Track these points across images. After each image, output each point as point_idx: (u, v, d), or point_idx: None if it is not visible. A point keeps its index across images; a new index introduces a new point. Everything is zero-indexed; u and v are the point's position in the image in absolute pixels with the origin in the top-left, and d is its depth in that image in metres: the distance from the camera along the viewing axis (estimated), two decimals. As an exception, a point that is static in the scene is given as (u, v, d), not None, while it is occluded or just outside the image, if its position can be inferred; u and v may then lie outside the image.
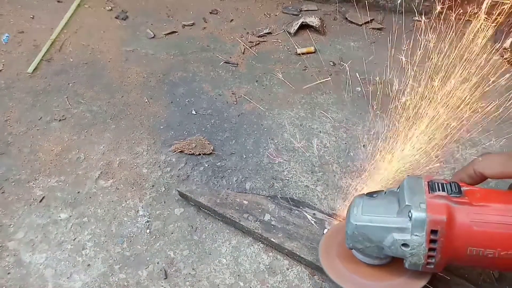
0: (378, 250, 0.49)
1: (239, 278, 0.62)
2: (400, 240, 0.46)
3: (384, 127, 0.83)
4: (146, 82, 0.97)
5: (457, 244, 0.44)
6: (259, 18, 1.16)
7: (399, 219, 0.46)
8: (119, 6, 1.17)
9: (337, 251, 0.57)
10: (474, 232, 0.43)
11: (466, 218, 0.44)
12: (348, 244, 0.51)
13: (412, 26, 1.12)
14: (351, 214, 0.50)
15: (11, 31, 1.08)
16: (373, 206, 0.49)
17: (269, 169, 0.77)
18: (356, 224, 0.48)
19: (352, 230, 0.49)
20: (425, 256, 0.45)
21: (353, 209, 0.50)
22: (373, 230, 0.48)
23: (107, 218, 0.70)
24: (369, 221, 0.48)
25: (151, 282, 0.62)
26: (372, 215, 0.48)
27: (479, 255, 0.44)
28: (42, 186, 0.75)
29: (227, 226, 0.68)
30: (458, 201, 0.45)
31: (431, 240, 0.44)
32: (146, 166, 0.78)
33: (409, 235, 0.45)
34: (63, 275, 0.62)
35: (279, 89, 0.95)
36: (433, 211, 0.44)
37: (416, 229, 0.44)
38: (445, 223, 0.43)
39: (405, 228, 0.45)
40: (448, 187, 0.46)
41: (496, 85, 0.90)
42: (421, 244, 0.45)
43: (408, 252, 0.46)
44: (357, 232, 0.49)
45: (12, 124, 0.86)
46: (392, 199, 0.49)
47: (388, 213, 0.47)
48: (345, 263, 0.55)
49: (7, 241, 0.67)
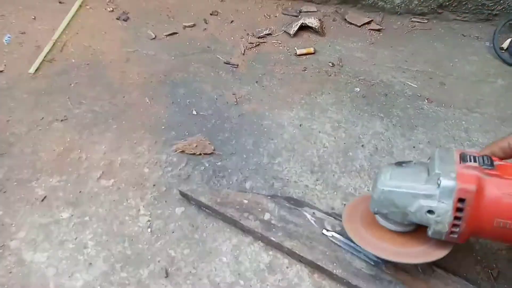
0: (403, 216, 0.49)
1: (239, 276, 0.62)
2: (426, 206, 0.46)
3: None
4: (147, 82, 0.97)
5: (484, 215, 0.44)
6: (259, 19, 1.16)
7: (427, 186, 0.46)
8: (120, 7, 1.18)
9: (361, 216, 0.57)
10: (503, 204, 0.43)
11: (496, 190, 0.43)
12: (373, 208, 0.51)
13: (410, 27, 1.13)
14: (378, 179, 0.50)
15: (12, 32, 1.08)
16: (401, 173, 0.49)
17: (269, 168, 0.78)
18: (383, 189, 0.48)
19: (378, 194, 0.49)
20: (450, 224, 0.45)
21: (381, 175, 0.50)
22: (400, 195, 0.48)
23: (108, 218, 0.70)
24: (396, 186, 0.48)
25: (152, 280, 0.62)
26: (399, 181, 0.48)
27: (506, 228, 0.43)
28: (43, 185, 0.75)
29: (228, 225, 0.68)
30: (489, 173, 0.44)
31: (457, 208, 0.44)
32: (147, 166, 0.78)
33: (436, 202, 0.45)
34: (65, 274, 0.63)
35: (279, 89, 0.96)
36: (463, 180, 0.44)
37: (444, 196, 0.44)
38: (474, 193, 0.43)
39: (432, 195, 0.45)
40: (480, 159, 0.46)
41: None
42: (447, 211, 0.45)
43: (433, 219, 0.46)
44: (383, 197, 0.49)
45: (14, 124, 0.87)
46: (421, 168, 0.49)
47: (416, 180, 0.48)
48: (368, 229, 0.55)
49: (9, 240, 0.67)
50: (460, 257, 0.64)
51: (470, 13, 1.11)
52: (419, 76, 0.99)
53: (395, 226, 0.53)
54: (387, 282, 0.58)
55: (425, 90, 0.95)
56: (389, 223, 0.53)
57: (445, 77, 0.99)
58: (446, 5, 1.11)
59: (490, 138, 0.83)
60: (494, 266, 0.63)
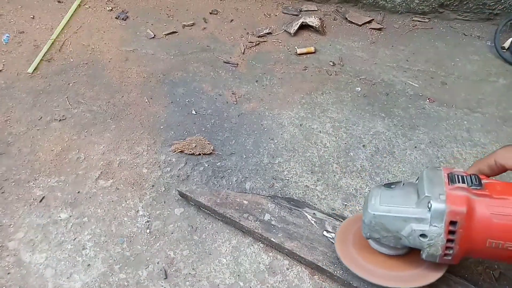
0: (396, 240, 0.49)
1: (239, 278, 0.62)
2: (418, 230, 0.46)
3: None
4: (146, 82, 0.97)
5: (476, 236, 0.44)
6: (259, 18, 1.16)
7: (418, 210, 0.46)
8: (119, 6, 1.17)
9: (354, 241, 0.56)
10: (494, 225, 0.43)
11: (486, 210, 0.43)
12: (365, 233, 0.51)
13: (411, 26, 1.12)
14: (369, 203, 0.49)
15: (11, 31, 1.08)
16: (391, 196, 0.49)
17: (269, 169, 0.77)
18: (374, 214, 0.48)
19: (369, 219, 0.49)
20: (443, 247, 0.45)
21: (371, 199, 0.49)
22: (391, 220, 0.47)
23: (107, 218, 0.70)
24: (387, 211, 0.48)
25: (151, 282, 0.62)
26: (390, 205, 0.48)
27: (498, 248, 0.43)
28: (42, 186, 0.75)
29: (227, 226, 0.68)
30: (478, 193, 0.44)
31: (449, 231, 0.44)
32: (146, 166, 0.78)
33: (428, 225, 0.45)
34: (63, 275, 0.62)
35: (279, 89, 0.95)
36: (452, 202, 0.43)
37: (435, 219, 0.44)
38: (464, 215, 0.43)
39: (423, 218, 0.45)
40: (468, 179, 0.46)
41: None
42: (439, 235, 0.44)
43: (426, 243, 0.46)
44: (374, 222, 0.48)
45: (12, 124, 0.86)
46: (411, 190, 0.49)
47: (406, 204, 0.47)
48: (361, 253, 0.55)
49: (7, 241, 0.67)
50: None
51: (471, 13, 1.11)
52: (421, 75, 0.98)
53: (388, 250, 0.52)
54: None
55: (427, 90, 0.94)
56: (382, 247, 0.52)
57: (446, 76, 0.98)
58: (447, 4, 1.10)
59: (492, 138, 0.83)
60: (496, 267, 0.63)
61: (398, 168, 0.77)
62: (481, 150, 0.80)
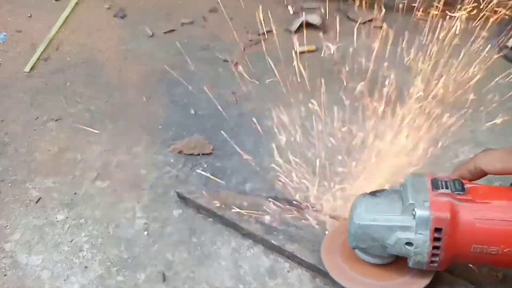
0: (382, 249, 0.49)
1: (239, 281, 0.61)
2: (404, 238, 0.46)
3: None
4: (144, 81, 0.96)
5: (461, 242, 0.44)
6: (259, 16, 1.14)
7: (403, 218, 0.46)
8: (117, 5, 1.16)
9: (340, 251, 0.57)
10: (478, 229, 0.44)
11: (469, 215, 0.44)
12: (351, 243, 0.51)
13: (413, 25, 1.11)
14: (353, 213, 0.49)
15: (8, 30, 1.07)
16: (376, 204, 0.49)
17: (269, 170, 0.76)
18: (359, 224, 0.48)
19: (355, 229, 0.49)
20: (429, 254, 0.45)
21: (356, 208, 0.50)
22: (377, 229, 0.47)
23: (104, 220, 0.69)
24: (372, 220, 0.48)
25: (149, 285, 0.61)
26: (375, 214, 0.48)
27: (483, 253, 0.44)
28: (38, 187, 0.74)
29: (227, 228, 0.67)
30: (461, 199, 0.45)
31: (435, 238, 0.44)
32: (144, 167, 0.77)
33: (413, 233, 0.45)
34: (60, 277, 0.62)
35: (279, 88, 0.95)
36: (436, 209, 0.44)
37: (420, 227, 0.45)
38: (449, 221, 0.43)
39: (409, 226, 0.45)
40: (451, 185, 0.46)
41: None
42: (425, 242, 0.45)
43: (412, 251, 0.46)
44: (360, 231, 0.48)
45: (8, 124, 0.86)
46: (395, 198, 0.49)
47: (391, 212, 0.47)
48: (348, 263, 0.55)
49: (3, 242, 0.66)
50: (465, 261, 0.63)
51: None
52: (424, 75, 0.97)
53: (375, 259, 0.52)
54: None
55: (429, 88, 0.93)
56: (369, 256, 0.52)
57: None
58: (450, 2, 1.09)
59: (495, 138, 0.82)
60: (499, 269, 0.62)
61: (401, 168, 0.76)
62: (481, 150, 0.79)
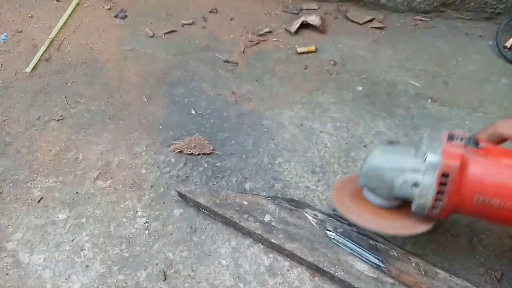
0: (389, 190, 0.51)
1: (239, 279, 0.61)
2: (411, 180, 0.49)
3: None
4: (145, 81, 0.96)
5: (465, 191, 0.46)
6: (259, 17, 1.15)
7: (414, 161, 0.49)
8: (118, 5, 1.17)
9: (349, 195, 0.59)
10: (484, 182, 0.46)
11: (478, 168, 0.46)
12: (362, 181, 0.54)
13: (413, 25, 1.11)
14: (369, 154, 0.53)
15: (9, 30, 1.07)
16: (390, 150, 0.53)
17: (269, 169, 0.77)
18: (372, 164, 0.52)
19: (367, 168, 0.52)
20: (433, 198, 0.47)
21: (372, 151, 0.53)
22: (388, 170, 0.51)
23: (105, 219, 0.69)
24: (384, 161, 0.51)
25: (150, 283, 0.61)
26: (388, 157, 0.51)
27: (485, 204, 0.46)
28: (40, 186, 0.74)
29: (227, 227, 0.67)
30: (473, 152, 0.47)
31: (441, 183, 0.46)
32: (145, 167, 0.77)
33: (421, 175, 0.48)
34: (62, 276, 0.62)
35: (279, 88, 0.95)
36: (447, 156, 0.46)
37: (429, 171, 0.47)
38: (457, 169, 0.45)
39: (418, 169, 0.48)
40: (467, 139, 0.48)
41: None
42: (431, 185, 0.47)
43: (417, 193, 0.48)
44: (371, 171, 0.52)
45: (10, 124, 0.86)
46: (410, 147, 0.53)
47: (404, 156, 0.50)
48: (356, 205, 0.57)
49: (5, 242, 0.66)
50: (463, 259, 0.63)
51: (473, 12, 1.10)
52: (422, 75, 0.98)
53: (381, 200, 0.55)
54: (389, 285, 0.57)
55: (428, 89, 0.94)
56: (376, 197, 0.55)
57: (448, 76, 0.97)
58: (449, 3, 1.09)
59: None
60: (497, 268, 0.62)
61: (400, 168, 0.77)
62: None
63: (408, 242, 0.66)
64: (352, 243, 0.60)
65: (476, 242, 0.65)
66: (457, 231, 0.67)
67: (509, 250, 0.64)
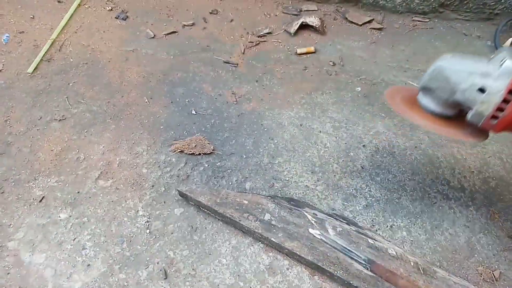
0: (450, 94, 0.50)
1: (239, 278, 0.61)
2: (479, 84, 0.47)
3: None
4: (146, 82, 0.96)
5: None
6: (259, 18, 1.15)
7: (488, 65, 0.48)
8: (119, 6, 1.17)
9: (402, 100, 0.58)
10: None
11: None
12: (423, 82, 0.53)
13: (412, 26, 1.12)
14: (440, 57, 0.51)
15: (11, 31, 1.07)
16: (462, 56, 0.51)
17: (269, 169, 0.77)
18: (441, 64, 0.50)
19: (434, 68, 0.51)
20: (495, 106, 0.46)
21: (443, 54, 0.52)
22: (456, 72, 0.49)
23: (106, 218, 0.70)
24: (455, 63, 0.50)
25: (151, 282, 0.61)
26: (460, 59, 0.50)
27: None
28: (42, 186, 0.74)
29: (227, 226, 0.68)
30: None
31: (510, 91, 0.45)
32: (146, 166, 0.78)
33: (491, 80, 0.46)
34: (63, 275, 0.62)
35: (279, 89, 0.95)
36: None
37: (502, 76, 0.46)
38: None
39: (490, 73, 0.47)
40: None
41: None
42: (499, 91, 0.45)
43: (480, 98, 0.47)
44: (437, 71, 0.50)
45: (12, 124, 0.86)
46: (483, 58, 0.50)
47: (476, 61, 0.49)
48: (410, 108, 0.56)
49: (7, 241, 0.67)
50: (462, 259, 0.64)
51: (471, 12, 1.10)
52: (421, 75, 0.98)
53: (436, 106, 0.53)
54: (388, 284, 0.57)
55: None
56: (431, 102, 0.53)
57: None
58: (448, 4, 1.10)
59: (492, 138, 0.83)
60: (496, 267, 0.63)
61: (398, 168, 0.77)
62: (481, 149, 0.80)
63: (407, 242, 0.66)
64: (341, 241, 0.60)
65: (474, 242, 0.66)
66: (456, 230, 0.68)
67: (508, 249, 0.64)
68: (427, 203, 0.71)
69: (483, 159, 0.78)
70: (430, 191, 0.73)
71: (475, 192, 0.73)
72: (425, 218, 0.69)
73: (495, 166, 0.77)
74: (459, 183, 0.74)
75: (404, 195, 0.72)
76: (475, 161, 0.76)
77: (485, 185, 0.74)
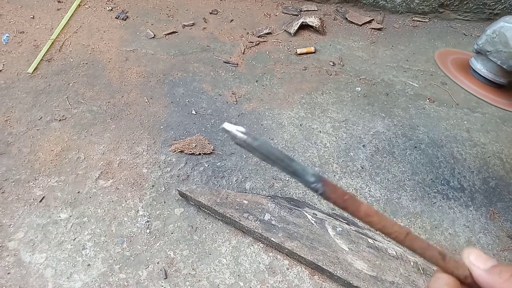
0: (506, 59, 0.47)
1: (239, 278, 0.62)
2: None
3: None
4: (146, 82, 0.96)
5: None
6: (259, 18, 1.15)
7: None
8: (119, 6, 1.17)
9: (453, 64, 0.56)
10: None
11: None
12: (479, 44, 0.50)
13: (412, 26, 1.12)
14: (502, 17, 0.48)
15: (11, 31, 1.07)
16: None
17: (269, 169, 0.77)
18: (504, 25, 0.47)
19: (495, 27, 0.48)
20: None
21: (507, 16, 0.49)
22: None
23: (107, 218, 0.70)
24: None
25: (151, 282, 0.61)
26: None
27: None
28: (42, 186, 0.74)
29: (227, 226, 0.68)
30: None
31: None
32: (146, 166, 0.78)
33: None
34: (63, 275, 0.62)
35: (279, 89, 0.95)
36: None
37: None
38: None
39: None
40: None
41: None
42: None
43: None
44: (497, 33, 0.47)
45: (12, 124, 0.86)
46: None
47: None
48: (460, 73, 0.54)
49: (7, 241, 0.67)
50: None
51: (471, 12, 1.11)
52: (421, 75, 0.98)
53: (488, 72, 0.50)
54: (388, 283, 0.58)
55: (427, 90, 0.94)
56: (484, 67, 0.50)
57: (446, 76, 0.98)
58: (447, 4, 1.10)
59: (492, 137, 0.83)
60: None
61: (398, 168, 0.77)
62: (481, 149, 0.80)
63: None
64: (264, 149, 0.59)
65: (474, 241, 0.66)
66: (456, 230, 0.68)
67: (508, 249, 0.65)
68: (427, 203, 0.71)
69: (483, 159, 0.78)
70: (430, 191, 0.73)
71: (475, 192, 0.73)
72: (424, 218, 0.69)
73: (495, 166, 0.77)
74: (459, 183, 0.74)
75: (404, 195, 0.73)
76: (475, 161, 0.77)
77: (485, 185, 0.74)
